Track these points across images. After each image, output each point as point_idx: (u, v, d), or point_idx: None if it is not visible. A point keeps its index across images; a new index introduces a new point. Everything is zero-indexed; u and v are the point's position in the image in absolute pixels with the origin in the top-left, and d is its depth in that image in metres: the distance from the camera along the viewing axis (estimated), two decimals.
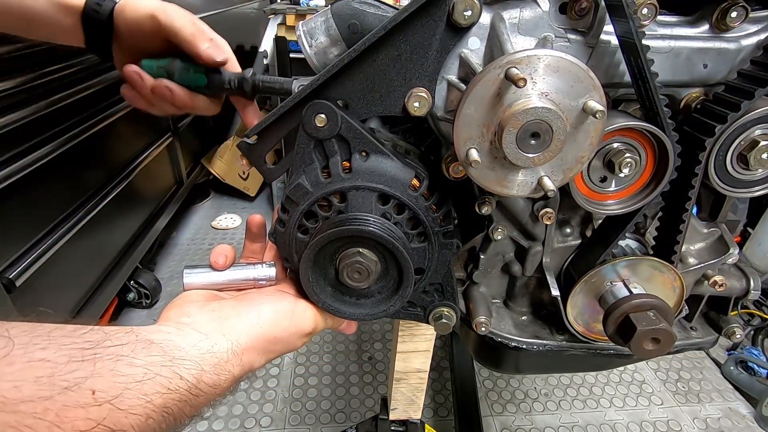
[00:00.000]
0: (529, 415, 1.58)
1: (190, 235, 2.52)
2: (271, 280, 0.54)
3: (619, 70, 0.54)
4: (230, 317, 0.47)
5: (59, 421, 0.31)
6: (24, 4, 0.62)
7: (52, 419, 0.31)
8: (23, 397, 0.31)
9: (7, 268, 1.08)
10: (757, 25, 0.55)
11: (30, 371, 0.32)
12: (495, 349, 0.72)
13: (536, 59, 0.40)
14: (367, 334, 1.87)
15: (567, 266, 0.68)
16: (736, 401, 1.66)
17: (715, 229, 0.68)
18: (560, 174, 0.46)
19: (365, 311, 0.54)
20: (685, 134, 0.54)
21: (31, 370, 0.32)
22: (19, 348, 0.32)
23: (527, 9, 0.51)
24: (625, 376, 1.75)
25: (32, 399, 0.31)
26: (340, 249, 0.51)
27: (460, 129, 0.44)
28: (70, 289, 1.36)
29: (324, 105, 0.48)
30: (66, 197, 1.33)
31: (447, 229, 0.53)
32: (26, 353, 0.32)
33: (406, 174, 0.50)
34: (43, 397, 0.31)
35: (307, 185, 0.50)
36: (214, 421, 1.50)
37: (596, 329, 0.68)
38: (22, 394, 0.31)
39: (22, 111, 1.09)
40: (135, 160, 1.70)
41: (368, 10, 0.53)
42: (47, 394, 0.31)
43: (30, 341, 0.33)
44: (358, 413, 1.55)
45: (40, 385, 0.31)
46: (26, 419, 0.30)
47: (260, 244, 0.59)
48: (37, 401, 0.31)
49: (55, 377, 0.32)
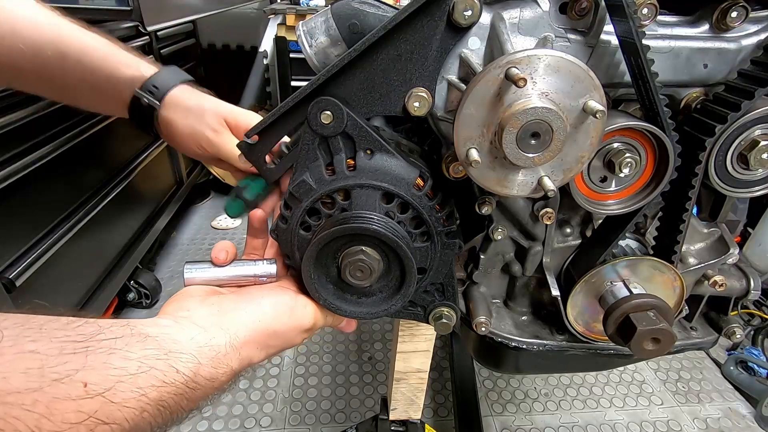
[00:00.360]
0: (529, 415, 1.58)
1: (190, 235, 2.52)
2: (272, 277, 0.54)
3: (619, 70, 0.54)
4: (229, 311, 0.47)
5: (48, 413, 0.31)
6: (65, 82, 0.62)
7: (41, 411, 0.31)
8: (11, 388, 0.30)
9: (7, 268, 1.08)
10: (757, 25, 0.55)
11: (20, 363, 0.31)
12: (495, 349, 0.72)
13: (536, 59, 0.40)
14: (367, 334, 1.87)
15: (567, 266, 0.68)
16: (736, 401, 1.66)
17: (715, 229, 0.69)
18: (560, 174, 0.46)
19: (366, 310, 0.54)
20: (685, 134, 0.54)
21: (20, 362, 0.31)
22: (9, 340, 0.32)
23: (527, 9, 0.51)
24: (625, 376, 1.75)
25: (20, 390, 0.30)
26: (343, 247, 0.51)
27: (460, 129, 0.44)
28: (70, 289, 1.36)
29: (330, 102, 0.48)
30: (66, 197, 1.33)
31: (450, 228, 0.53)
32: (16, 345, 0.32)
33: (411, 173, 0.50)
34: (32, 389, 0.31)
35: (311, 182, 0.50)
36: (214, 421, 1.50)
37: (596, 329, 0.68)
38: (10, 385, 0.30)
39: (22, 111, 1.09)
40: (135, 160, 1.71)
41: (368, 10, 0.54)
42: (36, 385, 0.31)
43: (20, 333, 0.33)
44: (358, 413, 1.55)
45: (30, 376, 0.31)
46: (14, 410, 0.30)
47: (262, 240, 0.59)
48: (26, 393, 0.30)
49: (46, 369, 0.32)
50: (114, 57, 0.63)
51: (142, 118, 0.65)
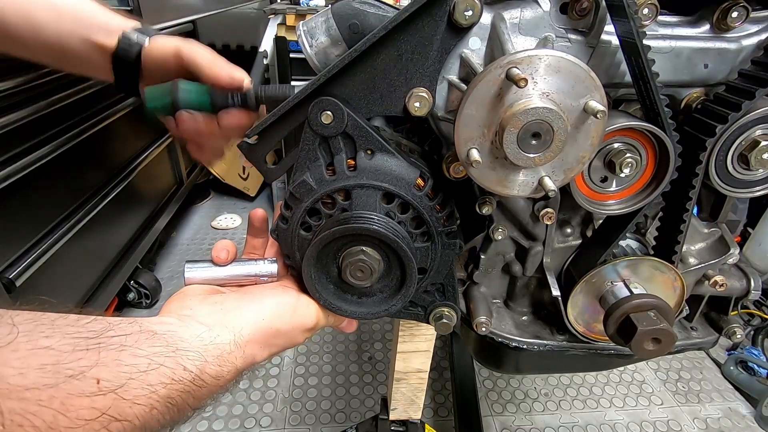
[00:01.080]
0: (529, 415, 1.58)
1: (190, 235, 2.52)
2: (273, 277, 0.54)
3: (619, 70, 0.54)
4: (232, 309, 0.47)
5: (64, 410, 0.31)
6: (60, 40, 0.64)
7: (57, 407, 0.31)
8: (28, 384, 0.30)
9: (7, 268, 1.08)
10: (757, 25, 0.55)
11: (35, 359, 0.31)
12: (495, 349, 0.72)
13: (537, 59, 0.40)
14: (367, 334, 1.87)
15: (567, 266, 0.68)
16: (736, 401, 1.66)
17: (716, 229, 0.69)
18: (561, 174, 0.46)
19: (367, 310, 0.54)
20: (685, 134, 0.54)
21: (35, 358, 0.31)
22: (24, 335, 0.32)
23: (528, 9, 0.51)
24: (625, 376, 1.75)
25: (37, 386, 0.31)
26: (344, 247, 0.51)
27: (460, 129, 0.44)
28: (71, 289, 1.36)
29: (330, 102, 0.48)
30: (66, 197, 1.33)
31: (450, 229, 0.53)
32: (30, 341, 0.32)
33: (411, 173, 0.50)
34: (48, 385, 0.31)
35: (311, 182, 0.50)
36: (215, 421, 1.50)
37: (597, 329, 0.68)
38: (27, 381, 0.30)
39: (22, 111, 1.09)
40: (135, 160, 1.70)
41: (369, 10, 0.53)
42: (52, 381, 0.31)
43: (34, 329, 0.33)
44: (358, 413, 1.55)
45: (45, 372, 0.31)
46: (31, 406, 0.30)
47: (262, 240, 0.59)
48: (42, 389, 0.31)
49: (60, 365, 0.32)
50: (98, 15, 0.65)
51: (126, 69, 0.66)
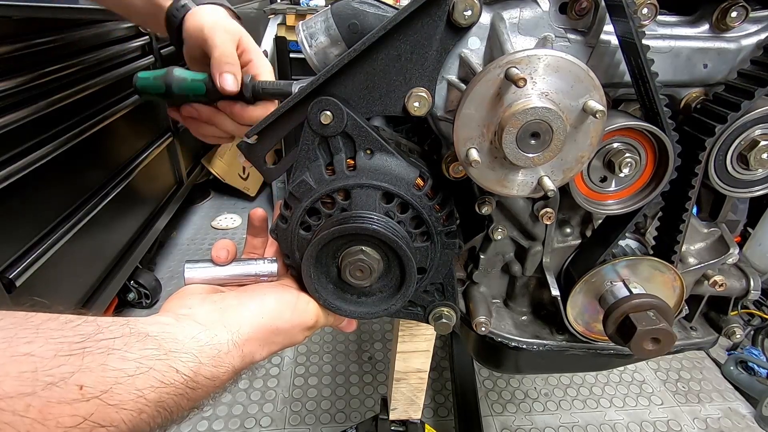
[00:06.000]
0: (529, 415, 1.58)
1: (190, 235, 2.52)
2: (273, 276, 0.54)
3: (619, 69, 0.54)
4: (232, 307, 0.47)
5: (42, 418, 0.30)
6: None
7: (34, 416, 0.30)
8: (3, 393, 0.29)
9: (7, 268, 1.08)
10: (757, 25, 0.55)
11: (13, 366, 0.31)
12: (495, 349, 0.72)
13: (536, 59, 0.40)
14: (367, 334, 1.87)
15: (567, 266, 0.68)
16: (736, 401, 1.66)
17: (715, 229, 0.68)
18: (560, 174, 0.46)
19: (366, 310, 0.54)
20: (685, 134, 0.54)
21: (14, 365, 0.31)
22: (3, 342, 0.31)
23: (527, 9, 0.51)
24: (625, 376, 1.75)
25: (12, 395, 0.30)
26: (343, 247, 0.51)
27: (460, 129, 0.44)
28: (71, 289, 1.36)
29: (330, 102, 0.48)
30: (66, 197, 1.33)
31: (450, 228, 0.53)
32: (10, 347, 0.31)
33: (411, 173, 0.50)
34: (25, 393, 0.30)
35: (310, 182, 0.50)
36: (214, 421, 1.50)
37: (596, 329, 0.68)
38: (1, 390, 0.30)
39: (22, 111, 1.09)
40: (135, 160, 1.70)
41: (368, 10, 0.54)
42: (29, 390, 0.30)
43: (15, 335, 0.32)
44: (358, 413, 1.55)
45: (22, 381, 0.30)
46: (5, 416, 0.29)
47: (262, 239, 0.59)
48: (18, 397, 0.30)
49: (39, 372, 0.31)
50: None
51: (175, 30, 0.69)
